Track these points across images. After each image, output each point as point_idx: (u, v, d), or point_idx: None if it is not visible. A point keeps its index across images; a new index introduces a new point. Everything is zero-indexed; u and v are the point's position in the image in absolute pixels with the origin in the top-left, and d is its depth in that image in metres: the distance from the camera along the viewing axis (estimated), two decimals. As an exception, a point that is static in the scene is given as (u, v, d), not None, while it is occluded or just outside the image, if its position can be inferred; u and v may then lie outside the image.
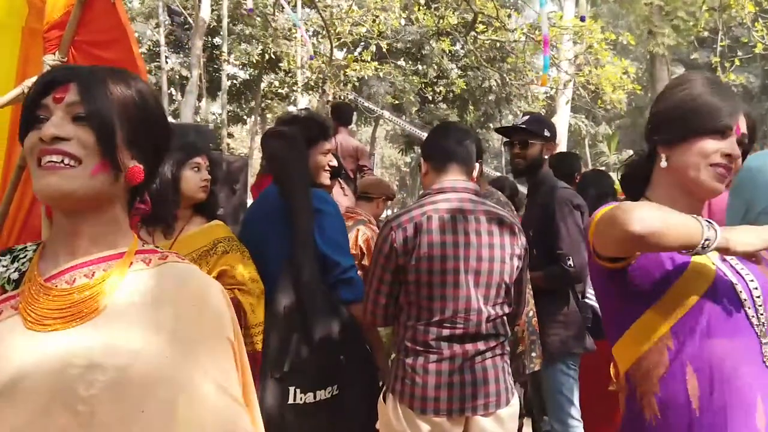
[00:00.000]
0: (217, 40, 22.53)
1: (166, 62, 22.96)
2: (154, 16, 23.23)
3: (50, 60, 5.31)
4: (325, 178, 3.36)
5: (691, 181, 1.92)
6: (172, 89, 25.29)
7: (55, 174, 1.25)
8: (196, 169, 3.13)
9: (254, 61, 22.84)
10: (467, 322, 2.85)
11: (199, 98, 22.13)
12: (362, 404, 3.06)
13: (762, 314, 1.84)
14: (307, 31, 19.88)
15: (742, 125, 1.94)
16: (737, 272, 1.89)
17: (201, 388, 1.28)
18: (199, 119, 22.50)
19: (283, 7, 16.99)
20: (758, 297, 1.85)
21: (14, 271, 1.36)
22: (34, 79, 5.30)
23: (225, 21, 19.39)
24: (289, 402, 2.92)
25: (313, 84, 18.02)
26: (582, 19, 8.24)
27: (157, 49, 22.53)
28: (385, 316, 2.97)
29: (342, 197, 4.84)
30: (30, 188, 5.67)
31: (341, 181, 4.87)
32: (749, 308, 1.83)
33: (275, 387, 2.94)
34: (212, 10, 19.10)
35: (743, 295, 1.84)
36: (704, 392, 1.78)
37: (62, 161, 1.26)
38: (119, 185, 1.34)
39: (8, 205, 5.75)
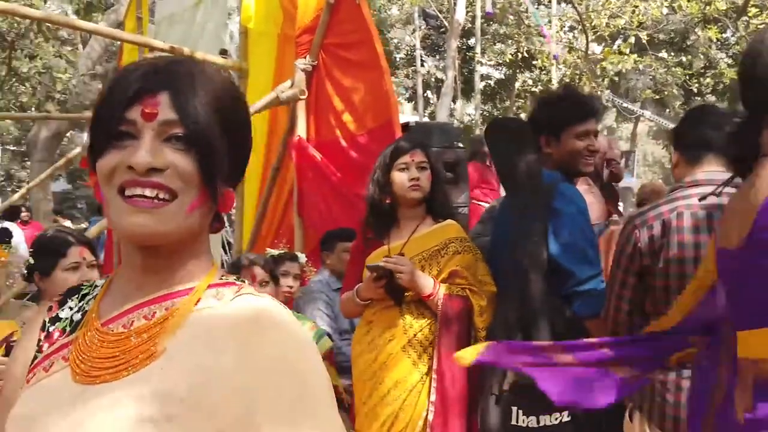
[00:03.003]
0: (472, 41, 22.65)
1: (422, 65, 23.46)
2: (411, 22, 23.84)
3: (301, 64, 5.53)
4: (585, 165, 3.11)
5: None
6: (428, 92, 25.81)
7: (147, 213, 1.03)
8: (403, 168, 3.06)
9: (508, 60, 22.69)
10: (726, 334, 2.48)
11: (454, 100, 22.37)
12: None
13: None
14: (562, 26, 19.43)
15: None
16: None
17: None
18: (454, 121, 22.79)
19: (536, 4, 16.68)
20: None
21: (77, 311, 1.19)
22: (288, 83, 5.56)
23: (478, 21, 19.43)
24: (511, 423, 2.74)
25: (568, 81, 17.51)
26: None
27: (414, 53, 23.08)
28: (628, 325, 2.67)
29: (589, 195, 4.53)
30: (284, 189, 5.96)
31: (588, 177, 4.56)
32: None
33: (496, 404, 2.80)
34: (467, 12, 19.25)
35: None
36: None
37: (156, 196, 1.03)
38: (211, 215, 1.13)
39: (266, 206, 6.11)
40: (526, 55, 20.79)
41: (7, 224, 9.32)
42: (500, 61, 23.55)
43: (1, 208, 10.06)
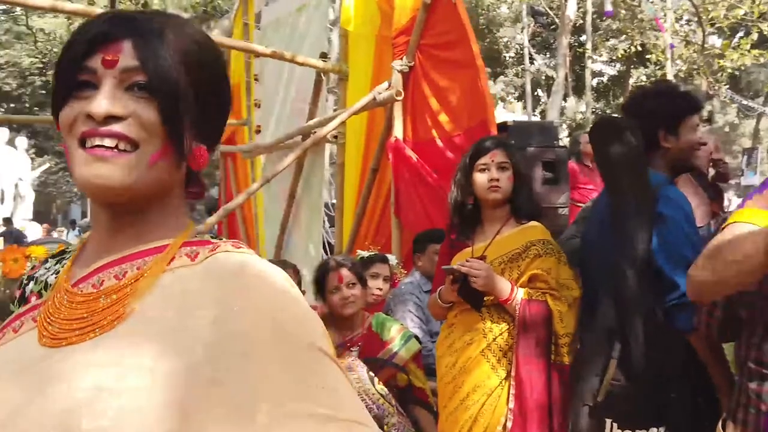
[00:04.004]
0: (583, 38, 22.20)
1: (532, 63, 23.12)
2: (520, 20, 23.56)
3: (398, 65, 5.54)
4: (697, 158, 3.01)
5: None
6: (538, 90, 25.44)
7: (106, 163, 0.97)
8: (484, 169, 3.03)
9: (620, 56, 22.10)
10: (830, 343, 2.32)
11: (565, 98, 21.96)
12: None
13: None
14: (679, 18, 18.77)
15: None
16: None
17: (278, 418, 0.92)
18: (565, 119, 22.38)
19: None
20: None
21: (53, 274, 1.14)
22: (384, 85, 5.58)
23: (589, 17, 19.01)
24: None
25: (683, 76, 16.89)
26: None
27: (522, 51, 22.78)
28: (722, 331, 2.54)
29: (694, 197, 4.33)
30: (383, 190, 5.99)
31: (693, 178, 4.37)
32: None
33: (589, 415, 2.70)
34: (578, 7, 18.88)
35: None
36: None
37: (116, 146, 0.97)
38: (181, 171, 1.06)
39: (364, 207, 6.15)
40: (639, 49, 20.19)
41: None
42: (613, 57, 22.97)
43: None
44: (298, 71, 6.99)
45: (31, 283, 1.16)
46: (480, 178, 3.02)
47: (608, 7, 13.87)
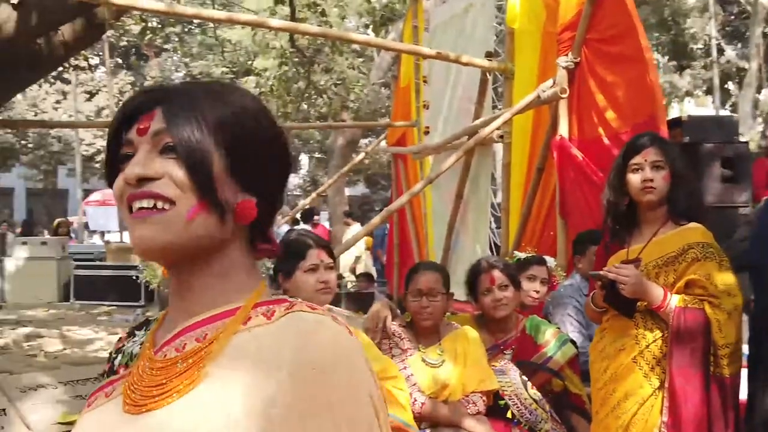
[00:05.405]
0: (780, 26, 20.72)
1: (721, 55, 21.81)
2: (708, 10, 22.31)
3: (563, 62, 5.41)
4: None
5: None
6: (729, 83, 23.97)
7: (146, 222, 1.03)
8: (637, 169, 2.87)
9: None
10: None
11: (759, 90, 20.59)
12: None
13: None
14: None
15: None
16: None
17: None
18: (759, 113, 21.04)
19: None
20: None
21: (138, 345, 1.18)
22: (549, 82, 5.46)
23: (785, 3, 17.72)
24: None
25: None
26: None
27: (710, 42, 21.55)
28: None
29: None
30: (549, 189, 5.86)
31: None
32: None
33: None
34: (773, -6, 17.70)
35: None
36: None
37: (154, 206, 1.03)
38: (228, 226, 1.07)
39: (530, 207, 6.04)
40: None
41: (287, 227, 10.12)
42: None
43: (295, 211, 10.93)
44: (465, 71, 6.96)
45: (119, 356, 1.23)
46: (633, 179, 2.86)
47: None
